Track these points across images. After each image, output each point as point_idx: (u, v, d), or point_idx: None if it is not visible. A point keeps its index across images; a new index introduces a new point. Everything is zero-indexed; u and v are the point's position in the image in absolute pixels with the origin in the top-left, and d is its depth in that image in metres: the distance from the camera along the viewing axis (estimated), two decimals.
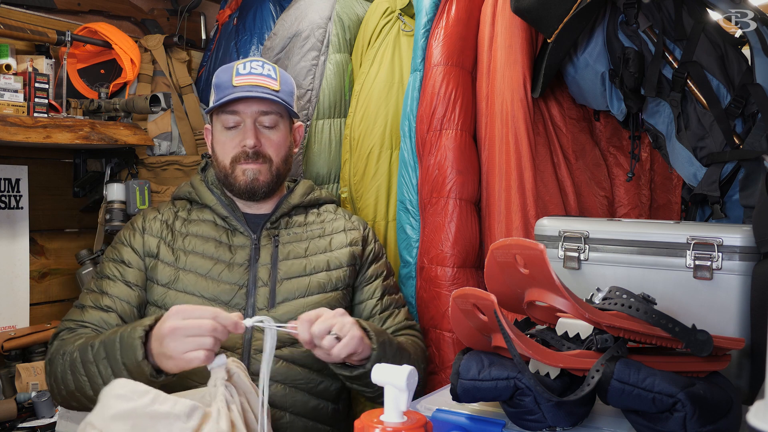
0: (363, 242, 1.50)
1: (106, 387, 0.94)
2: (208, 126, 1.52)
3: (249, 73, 1.42)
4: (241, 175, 1.42)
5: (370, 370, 1.04)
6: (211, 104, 1.45)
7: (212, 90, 1.46)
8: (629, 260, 1.17)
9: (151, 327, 1.12)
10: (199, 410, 0.92)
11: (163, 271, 1.37)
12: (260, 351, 1.32)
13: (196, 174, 1.53)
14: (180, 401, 0.92)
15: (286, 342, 1.33)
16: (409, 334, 1.46)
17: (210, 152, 1.51)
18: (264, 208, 1.48)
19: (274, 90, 1.42)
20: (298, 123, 1.54)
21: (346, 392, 1.48)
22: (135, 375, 1.10)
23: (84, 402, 1.21)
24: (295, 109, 1.50)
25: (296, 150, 1.55)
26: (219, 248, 1.40)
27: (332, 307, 1.40)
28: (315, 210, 1.54)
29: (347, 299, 1.46)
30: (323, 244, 1.46)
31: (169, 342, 1.05)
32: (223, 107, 1.41)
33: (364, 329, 1.23)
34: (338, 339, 1.15)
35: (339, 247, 1.46)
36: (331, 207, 1.56)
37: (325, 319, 1.15)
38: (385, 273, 1.51)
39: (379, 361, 1.12)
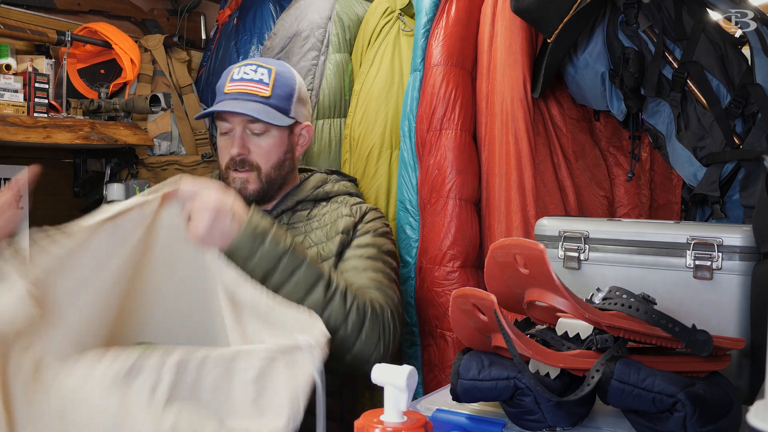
0: (353, 227, 1.41)
1: None
2: None
3: (241, 79, 1.40)
4: (232, 183, 1.42)
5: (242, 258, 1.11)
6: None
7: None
8: (629, 260, 1.17)
9: None
10: None
11: None
12: None
13: (215, 169, 1.55)
14: None
15: None
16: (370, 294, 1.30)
17: None
18: (271, 204, 1.47)
19: (263, 96, 1.39)
20: (305, 123, 1.48)
21: (348, 388, 1.48)
22: None
23: None
24: (295, 109, 1.45)
25: (302, 151, 1.50)
26: None
27: None
28: (324, 203, 1.48)
29: None
30: (320, 236, 1.41)
31: None
32: (217, 113, 1.41)
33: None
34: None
35: (333, 236, 1.40)
36: (342, 198, 1.49)
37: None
38: (367, 246, 1.40)
39: (252, 258, 1.13)
